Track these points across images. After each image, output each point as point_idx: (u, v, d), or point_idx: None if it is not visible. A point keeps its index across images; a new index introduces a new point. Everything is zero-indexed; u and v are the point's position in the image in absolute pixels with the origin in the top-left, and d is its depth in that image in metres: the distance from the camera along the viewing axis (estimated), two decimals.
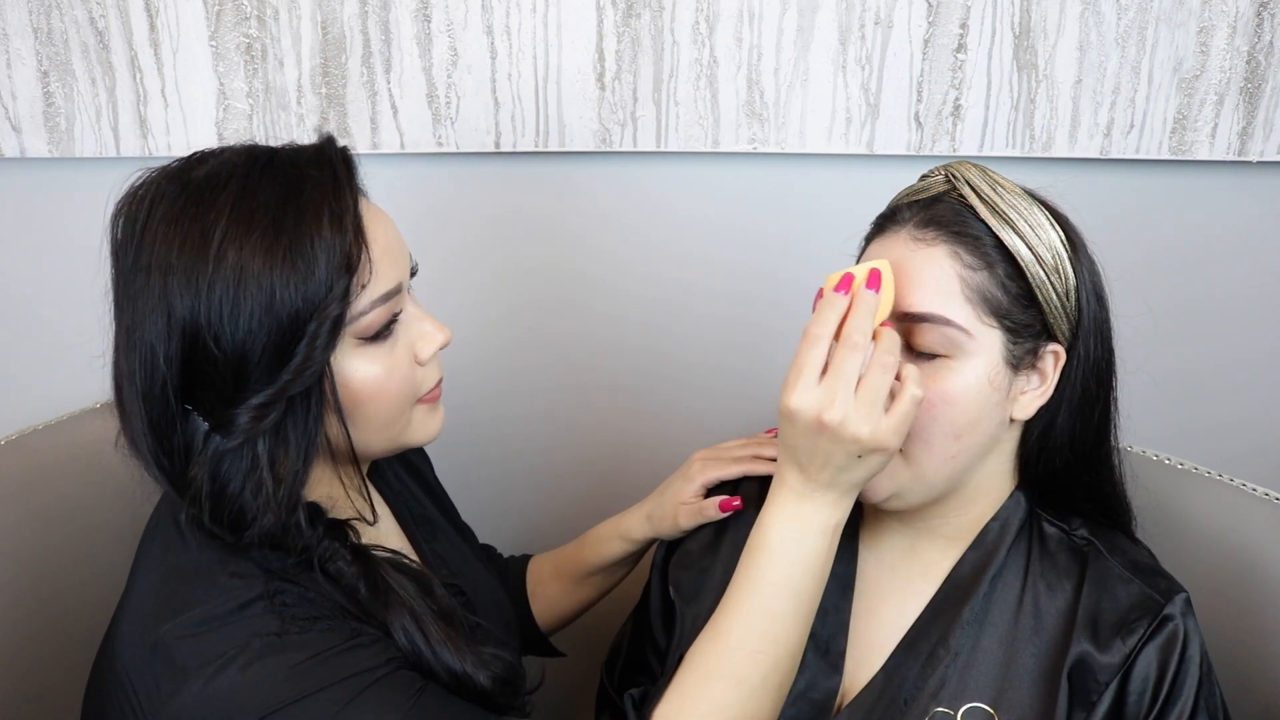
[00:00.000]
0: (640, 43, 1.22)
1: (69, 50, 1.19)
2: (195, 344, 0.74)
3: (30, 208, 1.28)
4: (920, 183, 0.87)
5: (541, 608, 1.13)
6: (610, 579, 1.11)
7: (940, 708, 0.83)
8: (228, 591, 0.76)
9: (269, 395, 0.74)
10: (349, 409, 0.80)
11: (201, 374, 0.75)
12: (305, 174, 0.76)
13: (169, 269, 0.73)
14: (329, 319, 0.74)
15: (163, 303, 0.73)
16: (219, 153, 0.78)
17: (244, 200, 0.74)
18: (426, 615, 0.81)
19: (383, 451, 0.85)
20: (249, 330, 0.73)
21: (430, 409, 0.87)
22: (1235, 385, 1.37)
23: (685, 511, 1.00)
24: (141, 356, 0.75)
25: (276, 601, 0.76)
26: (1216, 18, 1.20)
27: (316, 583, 0.78)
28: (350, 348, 0.78)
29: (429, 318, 0.85)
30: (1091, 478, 0.88)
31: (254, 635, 0.74)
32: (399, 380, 0.81)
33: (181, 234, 0.73)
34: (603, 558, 1.08)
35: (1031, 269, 0.80)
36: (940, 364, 0.80)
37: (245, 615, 0.75)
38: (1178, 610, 0.82)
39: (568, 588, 1.12)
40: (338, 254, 0.74)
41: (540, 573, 1.14)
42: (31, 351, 1.34)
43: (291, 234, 0.73)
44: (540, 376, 1.38)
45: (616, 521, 1.08)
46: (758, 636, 0.78)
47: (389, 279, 0.79)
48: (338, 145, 0.81)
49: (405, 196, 1.29)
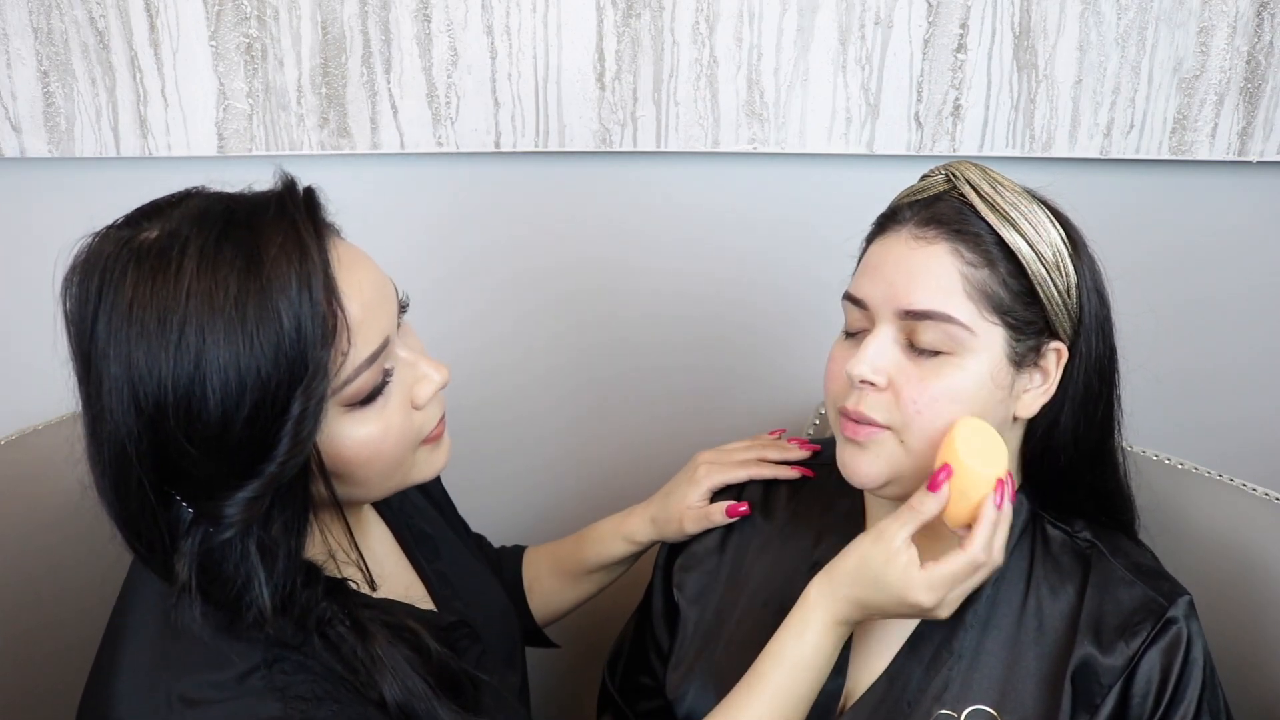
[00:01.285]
0: (640, 43, 1.22)
1: (69, 50, 1.19)
2: (166, 438, 0.68)
3: (30, 208, 1.28)
4: (921, 182, 0.87)
5: (538, 603, 1.12)
6: (609, 576, 1.11)
7: (944, 710, 0.83)
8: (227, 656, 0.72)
9: (257, 489, 0.69)
10: (345, 473, 0.75)
11: (178, 468, 0.69)
12: (266, 238, 0.69)
13: (130, 359, 0.67)
14: (313, 398, 0.68)
15: (127, 394, 0.67)
16: (167, 211, 0.71)
17: (202, 279, 0.67)
18: (420, 693, 0.76)
19: (384, 496, 0.81)
20: (223, 421, 0.67)
21: (433, 448, 0.82)
22: (1235, 385, 1.37)
23: (691, 516, 0.99)
24: (111, 448, 0.69)
25: (276, 673, 0.72)
26: (1216, 18, 1.20)
27: (315, 650, 0.74)
28: (339, 415, 0.73)
29: (424, 358, 0.79)
30: (1095, 475, 0.88)
31: (254, 719, 0.69)
32: (396, 434, 0.76)
33: (139, 321, 0.67)
34: (603, 557, 1.08)
35: (1033, 266, 0.81)
36: (943, 360, 0.80)
37: (245, 688, 0.71)
38: (1181, 613, 0.82)
39: (566, 584, 1.11)
40: (311, 325, 0.68)
41: (537, 568, 1.13)
42: (32, 351, 1.34)
43: (257, 312, 0.67)
44: (539, 376, 1.38)
45: (619, 522, 1.07)
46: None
47: (373, 338, 0.73)
48: (297, 191, 0.73)
49: (405, 196, 1.29)
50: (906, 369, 0.81)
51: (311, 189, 0.75)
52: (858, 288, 0.85)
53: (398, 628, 0.78)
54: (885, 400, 0.81)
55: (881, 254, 0.84)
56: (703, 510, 0.99)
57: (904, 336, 0.81)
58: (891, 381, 0.81)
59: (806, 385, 1.29)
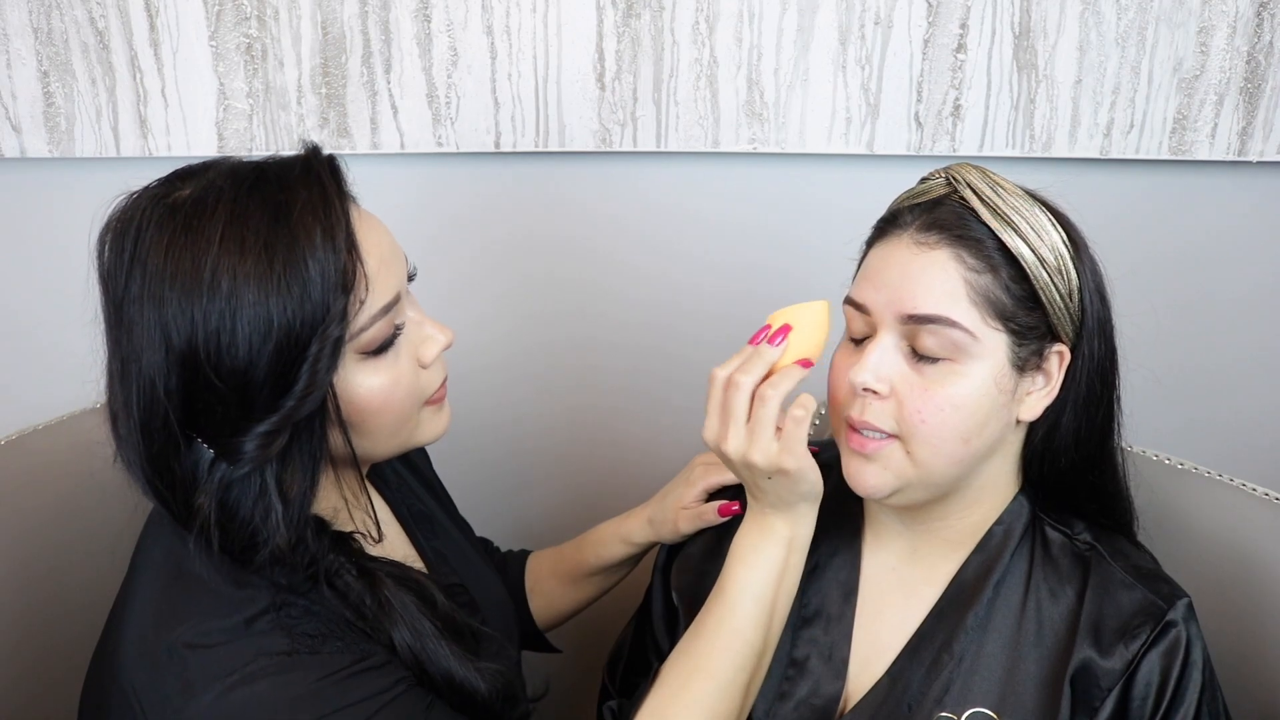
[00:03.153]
0: (640, 43, 1.22)
1: (69, 50, 1.19)
2: (195, 376, 0.73)
3: (30, 208, 1.28)
4: (920, 186, 0.86)
5: (540, 605, 1.13)
6: (610, 579, 1.12)
7: (944, 713, 0.83)
8: (233, 603, 0.75)
9: (275, 423, 0.73)
10: (356, 421, 0.79)
11: (204, 404, 0.74)
12: (293, 193, 0.75)
13: (163, 301, 0.72)
14: (330, 340, 0.74)
15: (159, 335, 0.72)
16: (202, 171, 0.77)
17: (234, 226, 0.72)
18: (428, 631, 0.81)
19: (390, 454, 0.85)
20: (249, 359, 0.72)
21: (436, 409, 0.87)
22: (1234, 385, 1.37)
23: (685, 516, 1.00)
24: (140, 389, 0.74)
25: (283, 616, 0.76)
26: (1216, 18, 1.20)
27: (323, 597, 0.78)
28: (354, 363, 0.78)
29: (430, 320, 0.84)
30: (1095, 477, 0.88)
31: (261, 653, 0.73)
32: (405, 388, 0.81)
33: (173, 264, 0.72)
34: (603, 559, 1.08)
35: (1035, 271, 0.80)
36: (945, 368, 0.80)
37: (252, 630, 0.75)
38: (1180, 616, 0.82)
39: (567, 587, 1.12)
40: (333, 273, 0.73)
41: (539, 570, 1.14)
42: (32, 351, 1.34)
43: (285, 257, 0.72)
44: (539, 376, 1.38)
45: (618, 524, 1.08)
46: (727, 634, 0.83)
47: (387, 291, 0.78)
48: (323, 155, 0.79)
49: (405, 196, 1.29)
50: (910, 377, 0.81)
51: (334, 156, 0.80)
52: (859, 293, 0.85)
53: (403, 578, 0.83)
54: (889, 408, 0.81)
55: (883, 259, 0.84)
56: (697, 510, 1.00)
57: (906, 343, 0.81)
58: (895, 390, 0.81)
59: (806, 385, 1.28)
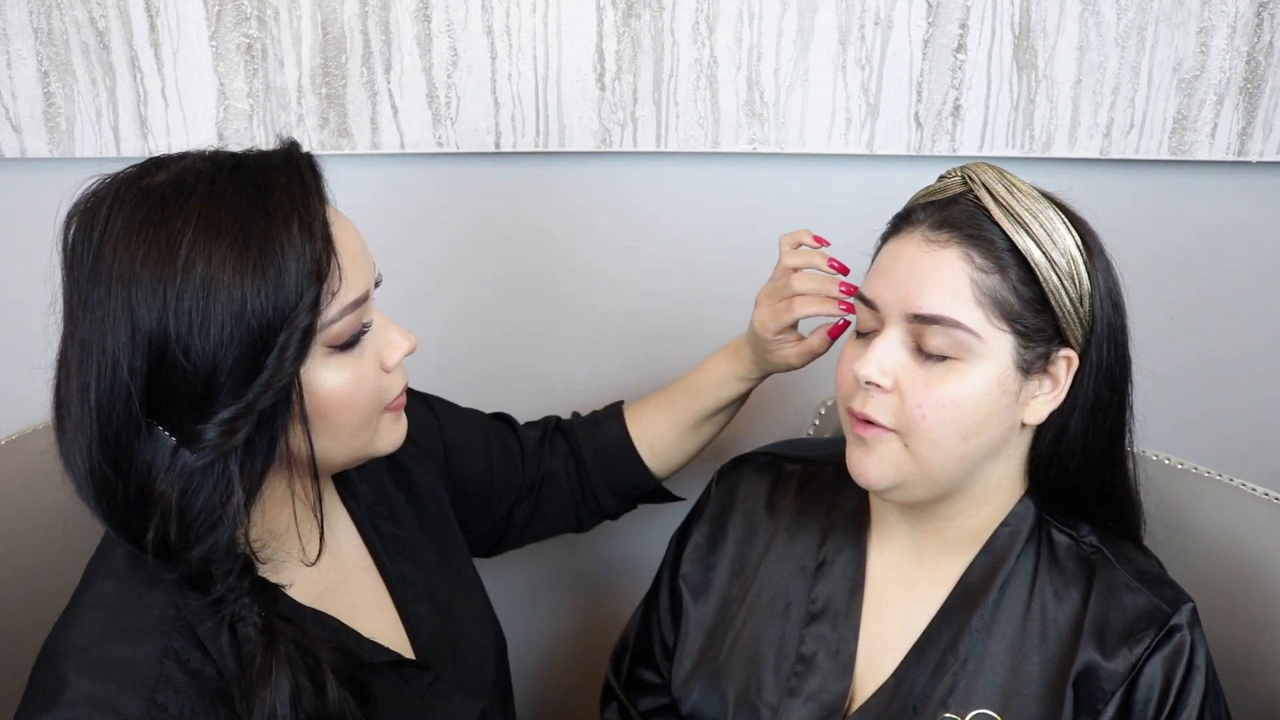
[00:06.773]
0: (640, 43, 1.22)
1: (69, 50, 1.19)
2: (163, 356, 0.72)
3: (30, 208, 1.28)
4: (938, 183, 0.87)
5: (661, 460, 1.14)
6: (731, 415, 1.14)
7: (949, 714, 0.84)
8: (125, 631, 0.75)
9: (238, 410, 0.72)
10: (317, 419, 0.78)
11: (169, 388, 0.73)
12: (272, 180, 0.74)
13: (133, 279, 0.71)
14: (299, 328, 0.73)
15: (126, 314, 0.71)
16: (179, 158, 0.76)
17: (211, 208, 0.72)
18: None
19: (346, 463, 0.84)
20: (219, 341, 0.71)
21: (395, 417, 0.86)
22: (1234, 385, 1.37)
23: (796, 353, 1.04)
24: (100, 370, 0.72)
25: (165, 667, 0.74)
26: (1216, 18, 1.20)
27: (218, 641, 0.76)
28: (321, 356, 0.77)
29: (394, 325, 0.84)
30: (1103, 481, 0.88)
31: (106, 708, 0.71)
32: (368, 388, 0.80)
33: (146, 243, 0.71)
34: (724, 399, 1.11)
35: (1044, 273, 0.80)
36: (949, 366, 0.80)
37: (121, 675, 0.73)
38: (1185, 620, 0.82)
39: (690, 434, 1.13)
40: (308, 261, 0.73)
41: (653, 426, 1.13)
42: (32, 351, 1.34)
43: (261, 242, 0.72)
44: (539, 376, 1.38)
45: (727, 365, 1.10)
46: None
47: (358, 286, 0.78)
48: (302, 151, 0.79)
49: (405, 196, 1.29)
50: (913, 373, 0.81)
51: (312, 155, 0.80)
52: (869, 288, 0.85)
53: (302, 656, 0.78)
54: (891, 402, 0.81)
55: (894, 255, 0.84)
56: (805, 345, 1.03)
57: (912, 340, 0.81)
58: (898, 384, 0.81)
59: (807, 384, 1.29)
